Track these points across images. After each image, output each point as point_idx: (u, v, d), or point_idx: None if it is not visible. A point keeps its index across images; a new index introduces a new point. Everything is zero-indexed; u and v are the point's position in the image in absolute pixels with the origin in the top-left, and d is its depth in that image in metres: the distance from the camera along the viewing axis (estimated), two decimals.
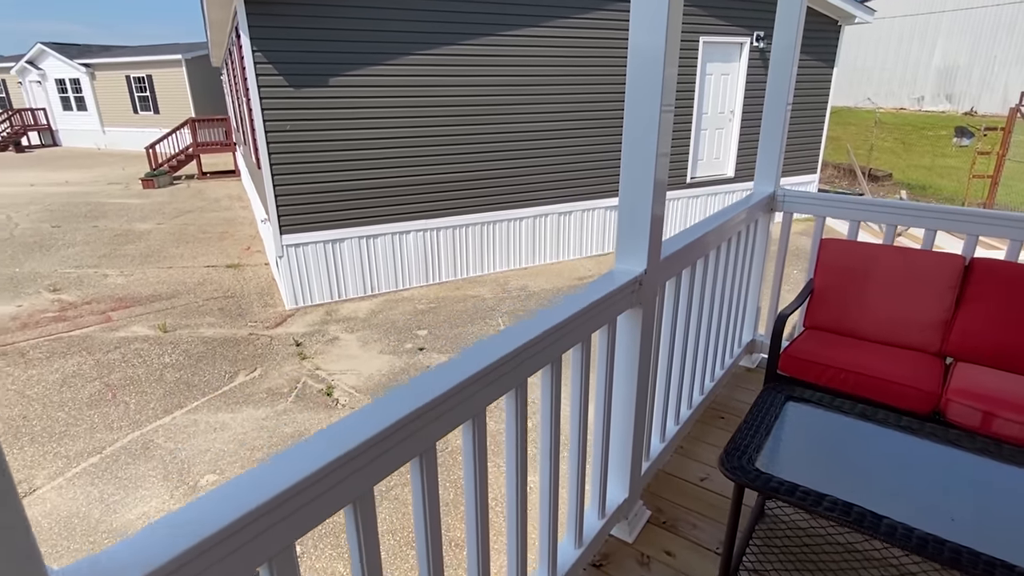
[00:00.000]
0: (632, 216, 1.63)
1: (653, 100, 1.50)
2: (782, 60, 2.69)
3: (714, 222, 2.26)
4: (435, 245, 7.65)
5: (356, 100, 6.66)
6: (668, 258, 1.86)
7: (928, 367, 2.27)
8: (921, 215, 2.59)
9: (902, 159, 15.61)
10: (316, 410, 4.87)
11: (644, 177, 1.57)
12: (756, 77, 9.42)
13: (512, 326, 1.33)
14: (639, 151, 1.56)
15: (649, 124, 1.52)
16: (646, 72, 1.50)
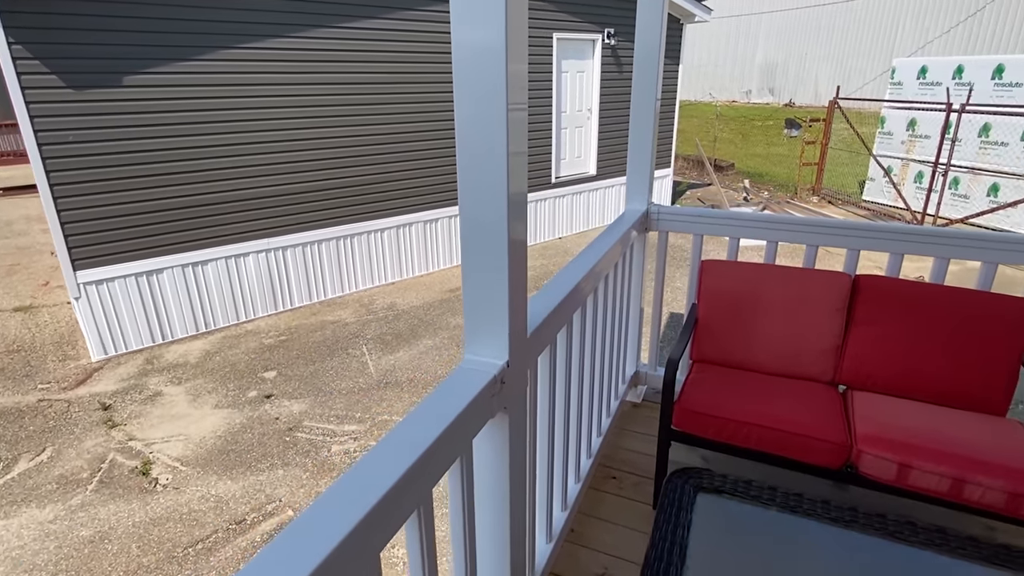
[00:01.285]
0: (483, 275, 1.12)
1: (496, 98, 1.00)
2: (647, 69, 2.34)
3: (589, 261, 1.82)
4: (282, 266, 6.68)
5: (168, 102, 5.51)
6: (540, 328, 1.37)
7: (828, 406, 2.02)
8: (800, 229, 2.38)
9: (741, 149, 16.96)
10: (127, 498, 3.86)
11: (493, 199, 1.07)
12: (610, 75, 9.47)
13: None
14: (484, 165, 1.05)
15: (494, 126, 1.02)
16: (484, 68, 0.99)
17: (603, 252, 1.94)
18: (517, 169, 1.07)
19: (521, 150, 1.08)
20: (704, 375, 2.27)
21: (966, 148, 9.30)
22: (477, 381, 1.10)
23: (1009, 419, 2.01)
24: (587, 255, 1.88)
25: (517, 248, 1.12)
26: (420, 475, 0.91)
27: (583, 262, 1.81)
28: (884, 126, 10.89)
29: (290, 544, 0.71)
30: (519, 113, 1.05)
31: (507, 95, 0.99)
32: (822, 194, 11.54)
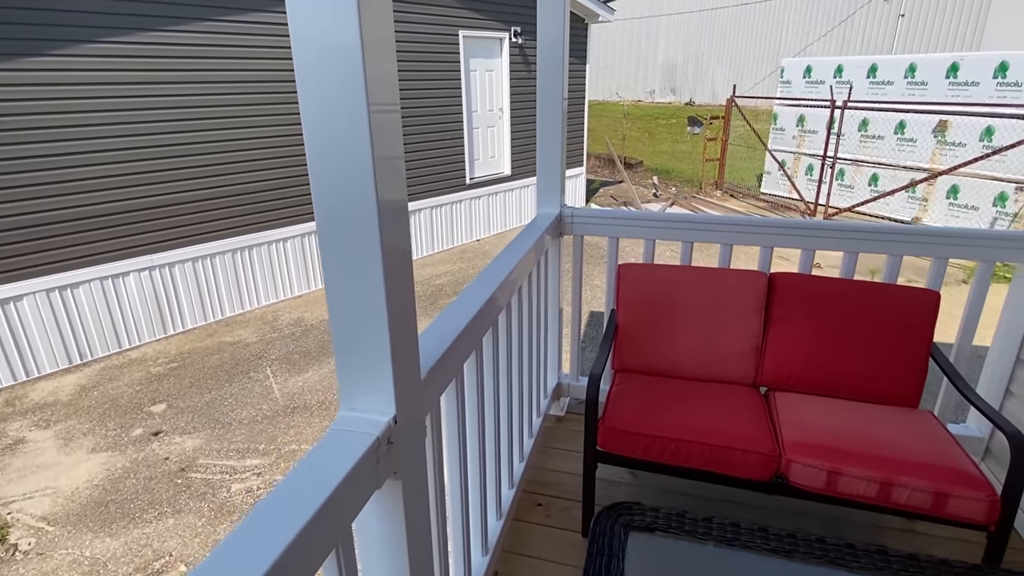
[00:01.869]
0: (354, 308, 0.89)
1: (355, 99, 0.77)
2: (551, 69, 2.18)
3: (498, 275, 1.62)
4: (170, 285, 6.02)
5: (22, 103, 4.76)
6: (440, 361, 1.15)
7: (753, 413, 1.95)
8: (714, 229, 2.31)
9: (648, 146, 17.53)
10: None
11: (359, 212, 0.84)
12: (519, 74, 9.39)
13: None
14: (344, 176, 0.82)
15: (355, 131, 0.79)
16: (336, 69, 0.76)
17: (515, 263, 1.75)
18: (389, 175, 0.84)
19: (393, 154, 0.86)
20: (627, 386, 2.14)
21: (848, 142, 10.02)
22: (354, 448, 0.87)
23: (921, 411, 2.02)
24: (497, 267, 1.69)
25: (398, 270, 0.90)
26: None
27: (492, 276, 1.61)
28: (777, 122, 11.55)
29: None
30: (388, 115, 0.83)
31: (367, 96, 0.77)
32: (725, 188, 12.08)
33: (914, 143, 9.22)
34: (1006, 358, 2.13)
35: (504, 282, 1.62)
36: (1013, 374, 2.11)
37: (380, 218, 0.82)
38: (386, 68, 0.81)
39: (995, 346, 2.20)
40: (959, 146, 8.64)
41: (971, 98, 8.50)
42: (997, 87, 8.23)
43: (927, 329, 2.03)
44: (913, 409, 2.03)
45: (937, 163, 8.95)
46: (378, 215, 0.82)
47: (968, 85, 8.56)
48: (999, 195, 8.27)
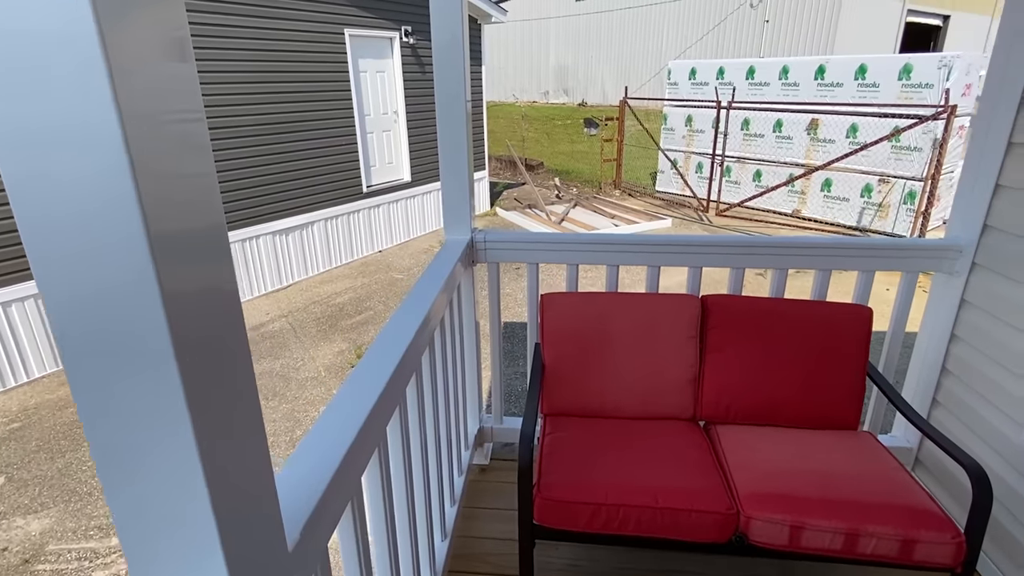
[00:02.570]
0: (128, 439, 0.53)
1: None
2: (449, 73, 1.86)
3: (407, 332, 1.29)
4: (4, 327, 5.03)
5: None
6: (320, 507, 0.81)
7: (700, 457, 1.75)
8: (641, 250, 2.10)
9: (547, 148, 17.67)
10: None
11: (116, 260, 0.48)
12: (413, 75, 8.96)
13: None
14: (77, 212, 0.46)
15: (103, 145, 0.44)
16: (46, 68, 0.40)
17: (425, 313, 1.42)
18: (180, 198, 0.49)
19: (190, 171, 0.50)
20: (560, 435, 1.88)
21: (733, 140, 10.56)
22: None
23: (862, 433, 1.93)
24: (403, 322, 1.35)
25: (216, 359, 0.55)
26: None
27: (397, 337, 1.27)
28: (667, 122, 11.97)
29: None
30: (177, 126, 0.48)
31: (115, 97, 0.41)
32: (623, 188, 12.36)
33: (791, 140, 9.87)
34: (930, 368, 2.11)
35: (415, 341, 1.29)
36: (939, 383, 2.09)
37: (156, 263, 0.46)
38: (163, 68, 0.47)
39: (918, 356, 2.17)
40: (829, 142, 9.34)
41: (837, 98, 9.22)
42: (858, 88, 8.97)
43: (863, 346, 1.94)
44: (854, 432, 1.94)
45: (812, 159, 9.63)
46: (152, 259, 0.46)
47: (834, 86, 9.27)
48: (865, 187, 9.03)
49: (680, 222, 9.95)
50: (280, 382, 5.18)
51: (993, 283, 1.88)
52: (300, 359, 5.60)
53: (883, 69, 8.64)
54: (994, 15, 23.14)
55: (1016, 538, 1.70)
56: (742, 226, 9.68)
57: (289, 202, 7.36)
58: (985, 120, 1.86)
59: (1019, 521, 1.69)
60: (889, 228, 8.75)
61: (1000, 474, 1.77)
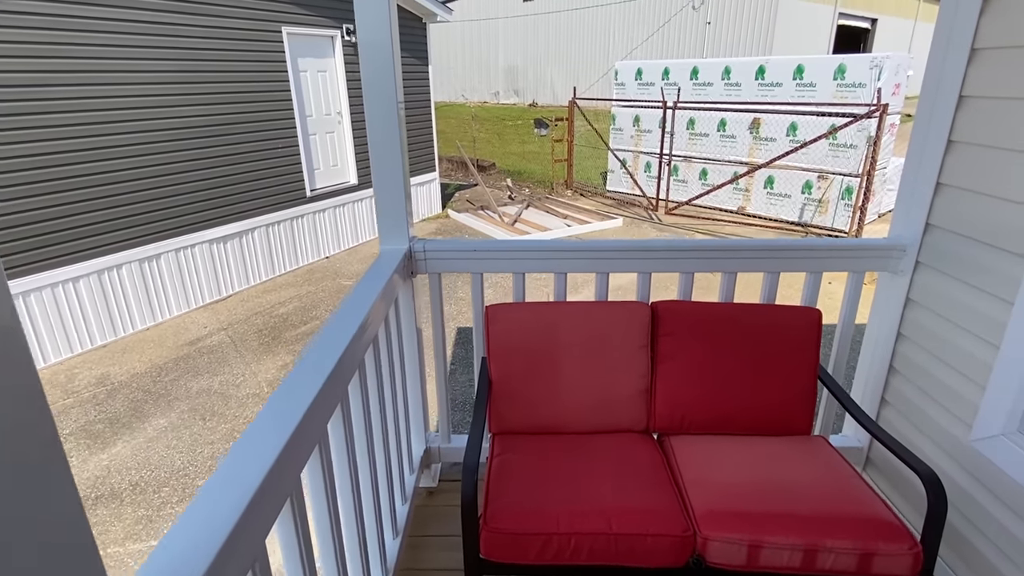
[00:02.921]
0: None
1: None
2: (379, 76, 1.73)
3: (327, 362, 1.15)
4: None
5: None
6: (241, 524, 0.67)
7: (654, 475, 1.68)
8: (588, 256, 2.02)
9: (498, 148, 17.58)
10: None
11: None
12: (356, 74, 8.69)
13: None
14: None
15: None
16: None
17: (350, 337, 1.28)
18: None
19: None
20: (508, 456, 1.77)
21: (679, 139, 10.73)
22: None
23: (815, 438, 1.90)
24: (323, 351, 1.21)
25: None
26: None
27: (313, 370, 1.13)
28: (615, 122, 12.06)
29: None
30: None
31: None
32: (575, 188, 12.39)
33: (735, 139, 10.09)
34: (878, 367, 2.10)
35: (340, 365, 1.16)
36: (887, 382, 2.09)
37: None
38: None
39: (866, 356, 2.17)
40: (771, 141, 9.60)
41: (777, 97, 9.48)
42: (796, 87, 9.25)
43: (813, 349, 1.91)
44: (807, 437, 1.91)
45: (755, 157, 9.88)
46: None
47: (773, 86, 9.53)
48: (805, 184, 9.33)
49: (631, 221, 10.04)
50: (219, 400, 4.87)
51: (936, 281, 1.88)
52: (241, 375, 5.30)
53: (819, 69, 8.93)
54: (916, 18, 24.51)
55: (971, 542, 1.70)
56: (690, 224, 9.84)
57: (227, 208, 6.99)
58: (924, 120, 1.86)
59: (974, 524, 1.68)
60: (829, 223, 9.06)
61: (952, 476, 1.77)
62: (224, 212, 6.96)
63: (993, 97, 1.64)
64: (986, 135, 1.67)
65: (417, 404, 2.15)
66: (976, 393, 1.68)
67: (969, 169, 1.73)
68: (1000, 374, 1.59)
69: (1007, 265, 1.59)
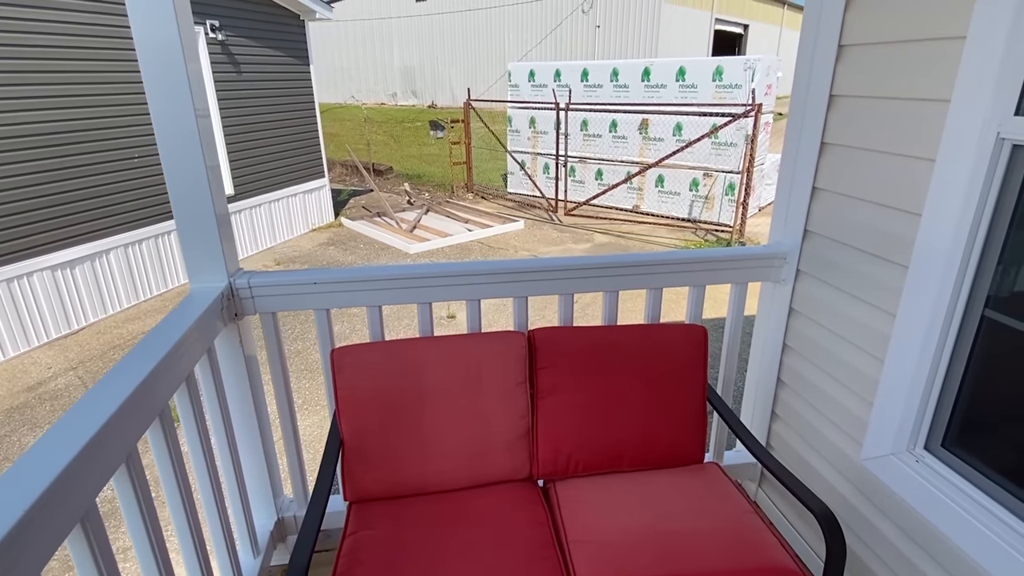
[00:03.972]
0: None
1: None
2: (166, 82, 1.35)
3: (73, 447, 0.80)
4: None
5: None
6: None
7: (536, 534, 1.44)
8: (452, 283, 1.75)
9: (395, 151, 17.01)
10: None
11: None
12: (226, 75, 7.91)
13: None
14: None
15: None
16: None
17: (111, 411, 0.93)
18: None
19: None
20: (365, 534, 1.46)
21: (574, 141, 10.81)
22: None
23: (707, 465, 1.76)
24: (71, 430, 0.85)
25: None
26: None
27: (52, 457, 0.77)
28: (512, 124, 11.98)
29: None
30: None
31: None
32: (475, 191, 12.17)
33: (625, 140, 10.31)
34: (766, 382, 2.01)
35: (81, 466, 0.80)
36: (776, 396, 2.00)
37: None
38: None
39: (754, 371, 2.08)
40: (659, 140, 9.89)
41: (662, 98, 9.77)
42: (680, 89, 9.57)
43: (700, 370, 1.76)
44: (700, 465, 1.76)
45: (645, 156, 10.14)
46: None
47: (659, 87, 9.82)
48: (692, 181, 9.69)
49: (532, 223, 9.96)
50: None
51: (815, 289, 1.80)
52: None
53: (699, 71, 9.30)
54: (782, 25, 26.69)
55: (869, 567, 1.60)
56: (589, 224, 9.92)
57: (76, 227, 6.06)
58: (797, 122, 1.77)
59: (870, 548, 1.59)
60: (716, 218, 9.46)
61: (846, 496, 1.68)
62: (74, 231, 6.04)
63: (863, 96, 1.56)
64: (858, 136, 1.58)
65: (260, 469, 1.78)
66: (864, 409, 1.59)
67: (843, 172, 1.65)
68: (886, 390, 1.50)
69: (888, 275, 1.50)
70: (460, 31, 25.05)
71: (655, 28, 19.97)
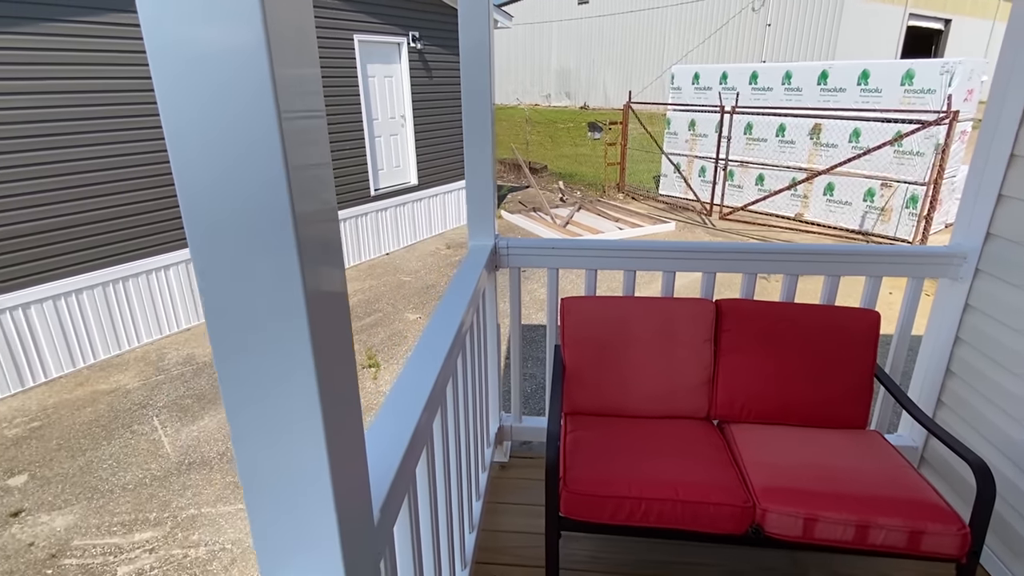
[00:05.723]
0: (268, 423, 0.65)
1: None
2: (476, 75, 1.95)
3: (447, 336, 1.38)
4: (24, 328, 5.12)
5: None
6: (392, 490, 0.90)
7: (716, 454, 1.84)
8: (657, 256, 2.19)
9: (551, 151, 17.77)
10: None
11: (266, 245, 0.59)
12: (420, 79, 9.07)
13: None
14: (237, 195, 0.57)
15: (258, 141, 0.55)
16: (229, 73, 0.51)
17: (460, 318, 1.51)
18: (310, 189, 0.60)
19: (317, 161, 0.62)
20: (581, 433, 1.97)
21: (736, 144, 10.65)
22: None
23: (869, 432, 2.02)
24: (442, 326, 1.44)
25: (335, 352, 0.65)
26: None
27: (438, 340, 1.36)
28: (670, 126, 12.06)
29: None
30: (306, 121, 0.59)
31: (277, 101, 0.52)
32: (627, 191, 12.45)
33: (793, 144, 9.96)
34: (935, 370, 2.19)
35: (452, 346, 1.38)
36: (944, 385, 2.18)
37: (300, 249, 0.57)
38: (303, 72, 0.59)
39: (923, 359, 2.26)
40: (832, 147, 9.43)
41: (840, 103, 9.31)
42: (861, 93, 9.06)
43: (870, 349, 2.03)
44: (862, 430, 2.02)
45: (814, 163, 9.72)
46: (297, 245, 0.57)
47: (837, 91, 9.36)
48: (867, 191, 9.12)
49: (684, 225, 10.04)
50: None
51: (995, 288, 1.96)
52: None
53: (885, 75, 8.73)
54: (996, 19, 23.23)
55: (1017, 530, 1.78)
56: (745, 229, 9.77)
57: None
58: (989, 131, 1.95)
59: (1020, 514, 1.77)
60: (892, 232, 8.83)
61: (1002, 470, 1.86)
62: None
63: None
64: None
65: (495, 386, 2.37)
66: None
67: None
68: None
69: None
70: (619, 33, 25.22)
71: (835, 27, 18.56)
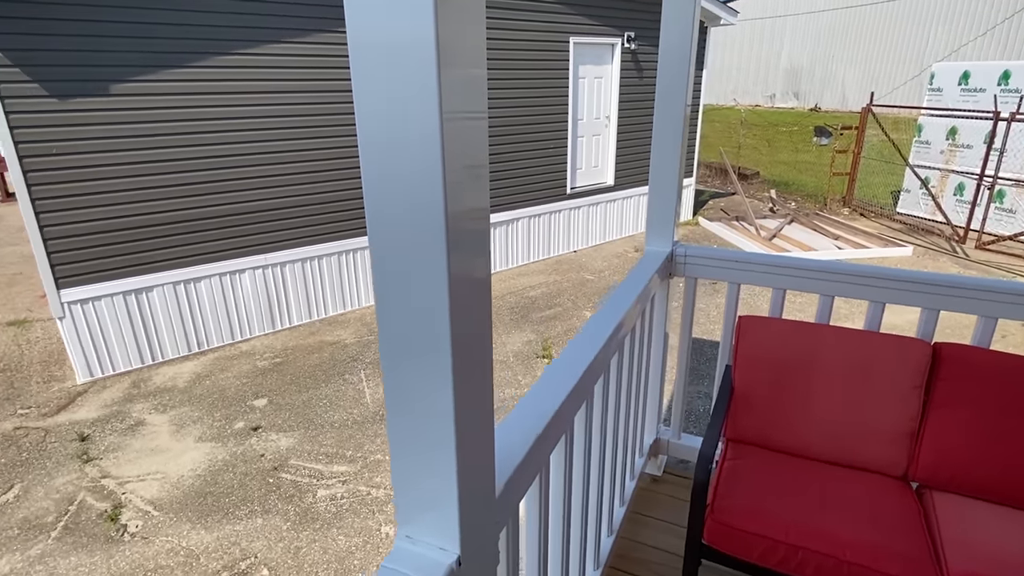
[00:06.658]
0: (415, 398, 0.74)
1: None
2: (673, 85, 1.91)
3: (602, 334, 1.40)
4: (280, 283, 6.34)
5: (156, 111, 5.21)
6: (519, 469, 0.96)
7: (904, 519, 1.57)
8: (865, 283, 1.92)
9: (766, 156, 16.34)
10: (91, 548, 3.51)
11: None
12: (630, 80, 9.02)
13: None
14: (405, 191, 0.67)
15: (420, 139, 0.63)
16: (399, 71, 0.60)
17: (620, 317, 1.51)
18: (466, 187, 0.67)
19: (475, 163, 0.68)
20: (741, 462, 1.82)
21: (1013, 159, 8.65)
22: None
23: None
24: (600, 324, 1.46)
25: (471, 338, 0.71)
26: None
27: (594, 337, 1.39)
28: (921, 134, 10.25)
29: None
30: (469, 122, 0.66)
31: (440, 101, 0.60)
32: (853, 206, 10.94)
33: None
34: None
35: (607, 344, 1.39)
36: None
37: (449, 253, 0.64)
38: (470, 72, 0.66)
39: None
40: None
41: None
42: None
43: None
44: None
45: None
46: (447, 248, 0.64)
47: None
48: None
49: (924, 252, 8.52)
50: None
51: None
52: (493, 343, 6.08)
53: None
54: None
55: None
56: (1010, 263, 7.95)
57: (501, 199, 7.99)
58: None
59: None
60: None
61: None
62: (500, 202, 7.98)
63: None
64: None
65: (655, 396, 2.31)
66: None
67: None
68: None
69: None
70: (868, 25, 22.08)
71: None
